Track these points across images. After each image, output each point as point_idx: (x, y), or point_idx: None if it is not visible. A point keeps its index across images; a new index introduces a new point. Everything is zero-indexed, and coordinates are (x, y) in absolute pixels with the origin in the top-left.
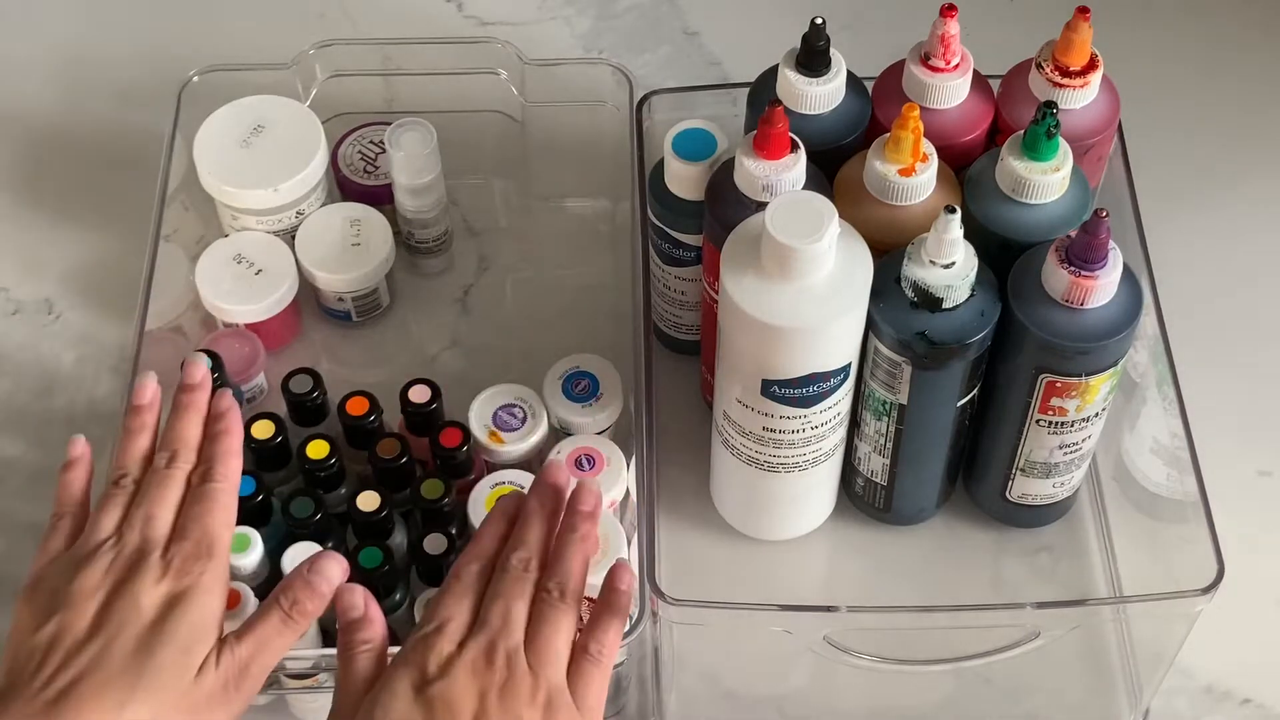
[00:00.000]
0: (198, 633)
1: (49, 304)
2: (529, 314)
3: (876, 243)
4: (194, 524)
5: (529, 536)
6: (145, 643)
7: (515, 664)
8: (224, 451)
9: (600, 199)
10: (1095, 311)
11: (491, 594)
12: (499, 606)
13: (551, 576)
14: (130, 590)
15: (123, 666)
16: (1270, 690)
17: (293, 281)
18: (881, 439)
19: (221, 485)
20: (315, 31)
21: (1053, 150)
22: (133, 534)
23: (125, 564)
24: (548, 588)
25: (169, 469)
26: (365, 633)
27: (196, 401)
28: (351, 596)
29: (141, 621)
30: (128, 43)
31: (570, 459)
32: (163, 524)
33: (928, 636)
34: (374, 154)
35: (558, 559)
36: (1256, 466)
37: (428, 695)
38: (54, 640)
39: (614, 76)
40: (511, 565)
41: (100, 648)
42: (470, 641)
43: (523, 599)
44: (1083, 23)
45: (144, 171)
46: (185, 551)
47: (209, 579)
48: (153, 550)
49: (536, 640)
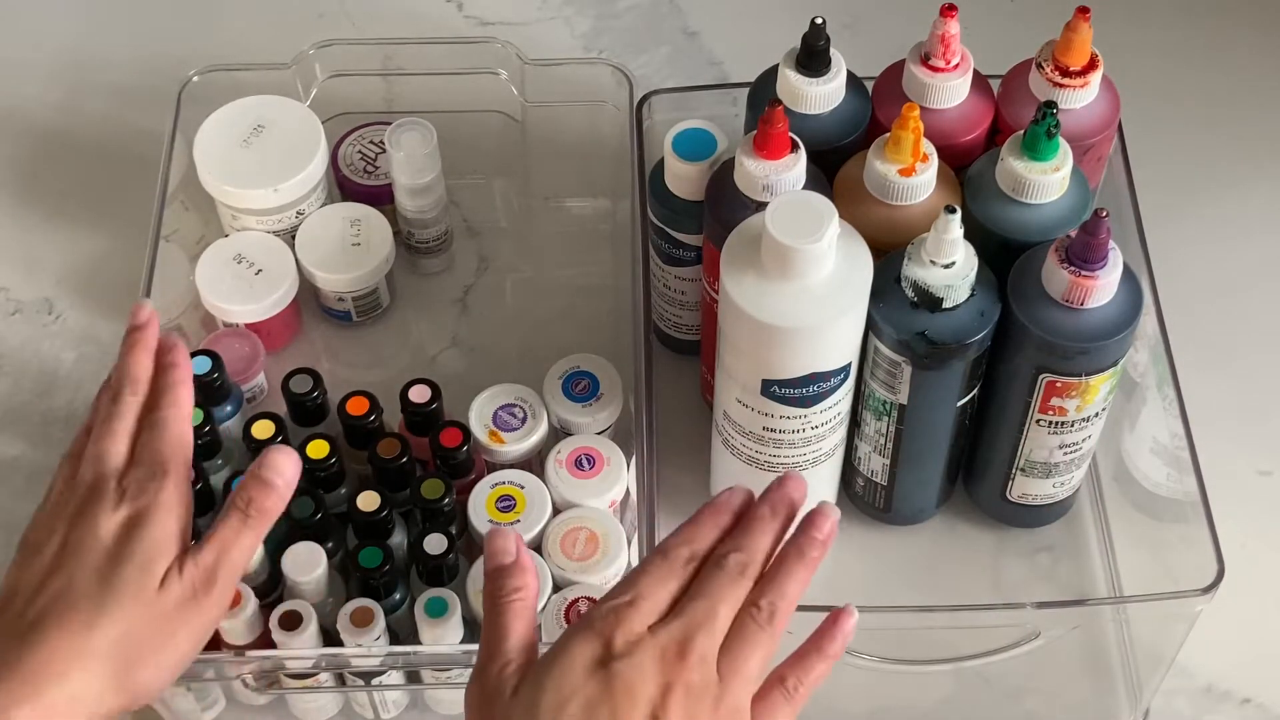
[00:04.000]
0: (156, 549)
1: (49, 304)
2: (529, 314)
3: (876, 243)
4: (145, 449)
5: (755, 543)
6: (106, 566)
7: (707, 667)
8: (171, 383)
9: (600, 199)
10: (1095, 311)
11: (699, 587)
12: (705, 603)
13: (765, 594)
14: (89, 521)
15: (85, 591)
16: (1270, 690)
17: (293, 281)
18: (881, 439)
19: (170, 413)
20: (315, 31)
21: (1053, 150)
22: (87, 470)
23: (82, 499)
24: (759, 604)
25: (115, 404)
26: (516, 579)
27: (143, 339)
28: (503, 540)
29: (101, 547)
30: (128, 43)
31: (570, 459)
32: (115, 455)
33: (928, 636)
34: (374, 154)
35: (777, 577)
36: (1256, 466)
37: (609, 671)
38: (23, 580)
39: (614, 76)
40: (729, 565)
41: (65, 578)
42: (664, 627)
43: (731, 603)
44: (1083, 23)
45: (144, 171)
46: (139, 476)
47: (164, 497)
48: (108, 481)
49: (733, 653)
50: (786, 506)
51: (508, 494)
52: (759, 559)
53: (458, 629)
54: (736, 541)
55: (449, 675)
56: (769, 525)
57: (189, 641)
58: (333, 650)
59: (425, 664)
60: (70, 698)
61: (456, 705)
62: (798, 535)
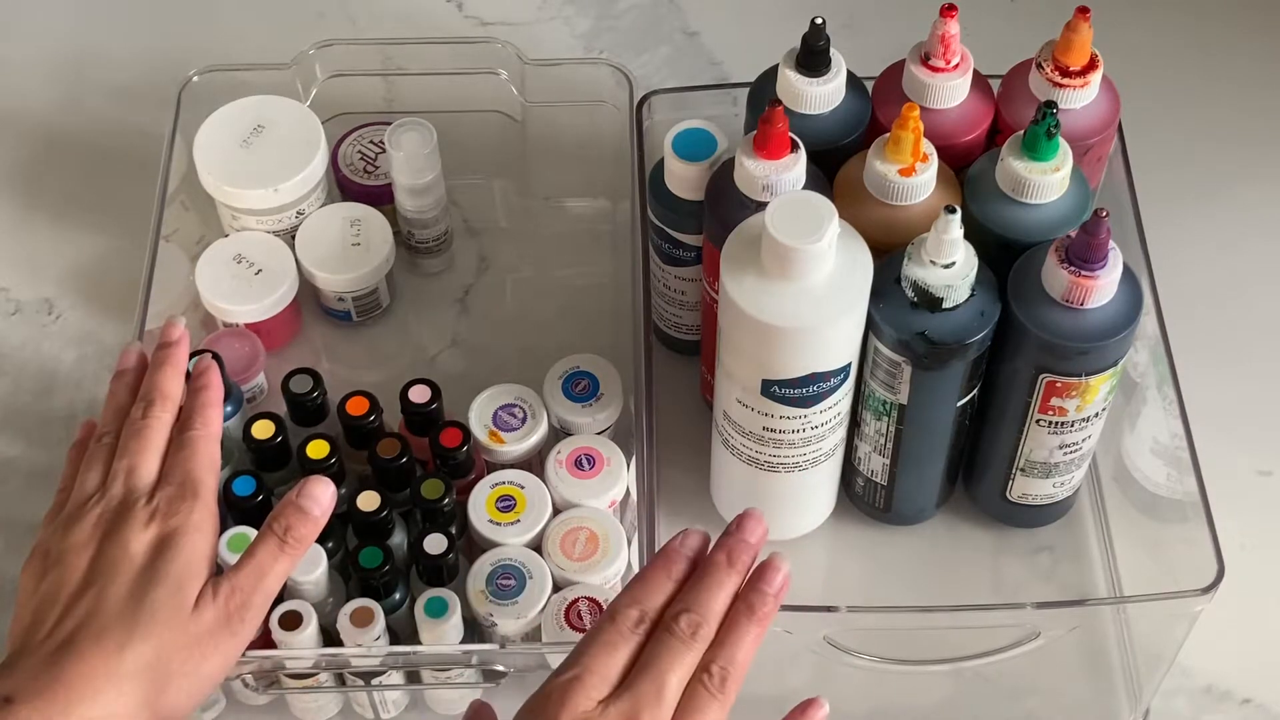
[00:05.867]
0: (189, 570)
1: (49, 304)
2: (529, 314)
3: (876, 243)
4: (176, 468)
5: (708, 601)
6: (138, 586)
7: None
8: (203, 404)
9: (600, 199)
10: (1095, 311)
11: (648, 657)
12: (653, 675)
13: (716, 658)
14: (119, 538)
15: (118, 611)
16: (1270, 690)
17: (293, 281)
18: (881, 439)
19: (201, 433)
20: (315, 31)
21: (1053, 150)
22: (116, 485)
23: (112, 514)
24: (710, 670)
25: (145, 419)
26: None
27: (174, 356)
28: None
29: (133, 566)
30: (128, 43)
31: (570, 459)
32: (146, 472)
33: (928, 636)
34: (374, 154)
35: (728, 641)
36: (1256, 466)
37: None
38: (51, 596)
39: (614, 76)
40: (679, 629)
41: (95, 596)
42: (612, 705)
43: (681, 672)
44: (1083, 23)
45: (144, 171)
46: (169, 495)
47: (196, 518)
48: (138, 498)
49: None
50: (744, 554)
51: (508, 494)
52: (712, 620)
53: (458, 629)
54: (687, 600)
55: (449, 675)
56: (724, 578)
57: (219, 664)
58: (333, 650)
59: (425, 664)
60: (101, 719)
61: (456, 705)
62: (748, 592)
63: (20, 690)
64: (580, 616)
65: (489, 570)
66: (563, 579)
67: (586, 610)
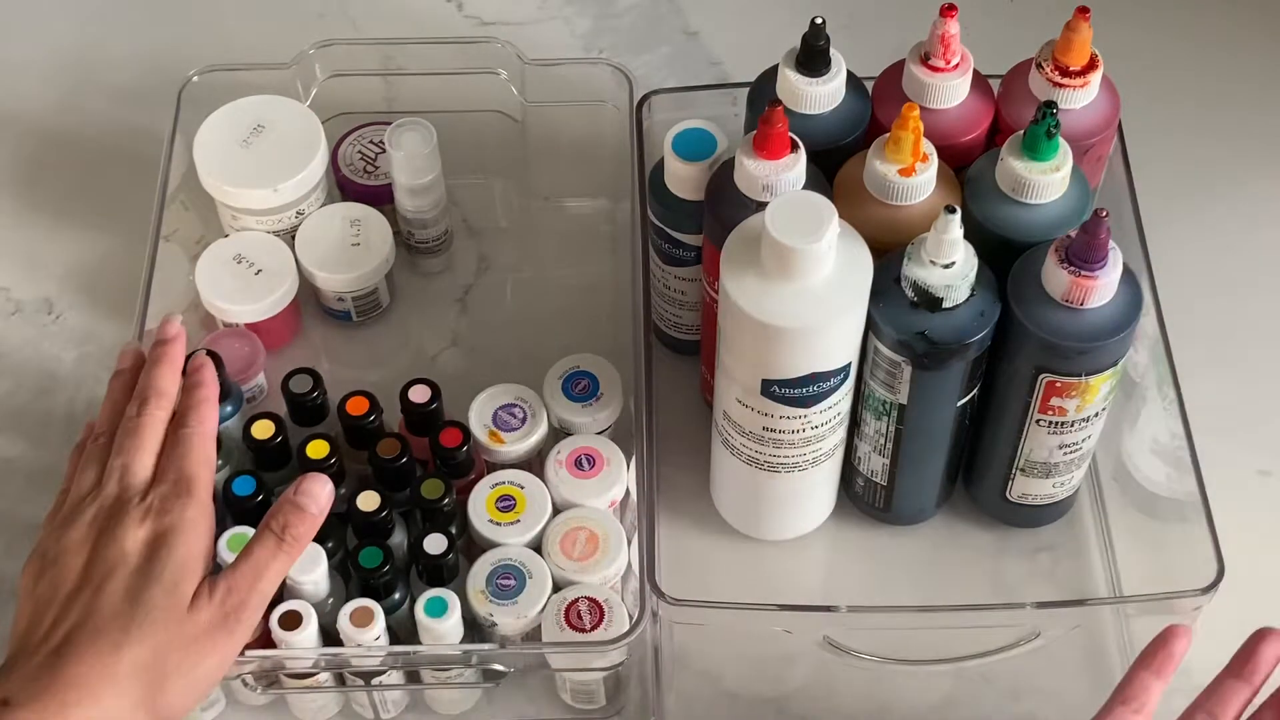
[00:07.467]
0: (184, 568)
1: (49, 304)
2: (529, 314)
3: (876, 243)
4: (171, 466)
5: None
6: (134, 585)
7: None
8: (198, 401)
9: (600, 199)
10: (1095, 311)
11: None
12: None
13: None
14: (113, 537)
15: (114, 611)
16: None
17: (293, 281)
18: (881, 439)
19: (196, 430)
20: (315, 31)
21: (1053, 150)
22: (111, 483)
23: (107, 513)
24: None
25: (140, 416)
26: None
27: (170, 354)
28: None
29: (128, 565)
30: (128, 43)
31: (570, 459)
32: (140, 470)
33: (928, 636)
34: (374, 154)
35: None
36: (1256, 466)
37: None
38: (48, 597)
39: (614, 76)
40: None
41: (90, 596)
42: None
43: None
44: (1083, 23)
45: (144, 171)
46: (164, 493)
47: (191, 515)
48: (132, 496)
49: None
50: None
51: (508, 494)
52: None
53: (458, 629)
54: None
55: (449, 675)
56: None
57: (217, 664)
58: (333, 650)
59: (425, 664)
60: (98, 718)
61: (457, 705)
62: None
63: (18, 693)
64: (580, 616)
65: (489, 570)
66: (562, 579)
67: (586, 610)
